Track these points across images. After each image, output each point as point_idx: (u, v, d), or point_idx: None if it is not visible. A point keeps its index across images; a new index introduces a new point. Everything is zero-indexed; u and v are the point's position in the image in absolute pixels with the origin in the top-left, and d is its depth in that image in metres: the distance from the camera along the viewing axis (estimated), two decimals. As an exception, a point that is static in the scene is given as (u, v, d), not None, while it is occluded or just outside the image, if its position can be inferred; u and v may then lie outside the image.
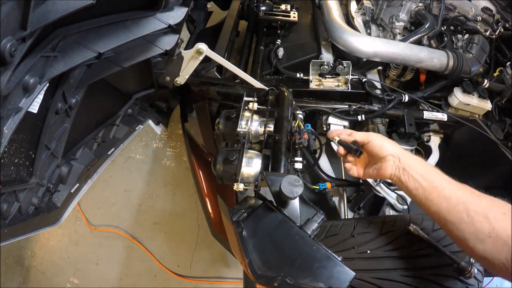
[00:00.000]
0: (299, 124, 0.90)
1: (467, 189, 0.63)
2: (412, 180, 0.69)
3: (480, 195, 0.62)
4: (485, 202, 0.60)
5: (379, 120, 1.21)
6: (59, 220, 1.08)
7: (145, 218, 2.08)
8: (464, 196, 0.62)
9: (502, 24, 1.30)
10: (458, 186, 0.64)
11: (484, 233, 0.57)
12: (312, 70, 1.16)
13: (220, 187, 1.13)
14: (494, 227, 0.56)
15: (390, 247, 0.86)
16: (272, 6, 1.47)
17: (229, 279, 1.89)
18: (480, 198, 0.61)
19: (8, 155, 0.70)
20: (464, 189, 0.63)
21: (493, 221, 0.57)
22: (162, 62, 1.12)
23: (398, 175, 0.71)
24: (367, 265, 0.87)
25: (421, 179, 0.67)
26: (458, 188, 0.63)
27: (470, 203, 0.60)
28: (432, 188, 0.65)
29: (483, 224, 0.57)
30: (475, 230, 0.58)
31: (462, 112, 1.20)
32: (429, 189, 0.66)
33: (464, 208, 0.60)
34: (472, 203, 0.60)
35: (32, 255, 2.05)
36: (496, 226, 0.56)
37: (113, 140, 1.27)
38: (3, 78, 0.53)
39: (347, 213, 1.28)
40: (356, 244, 0.89)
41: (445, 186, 0.64)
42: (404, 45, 1.12)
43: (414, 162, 0.70)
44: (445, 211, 0.63)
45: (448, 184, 0.64)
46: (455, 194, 0.62)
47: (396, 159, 0.72)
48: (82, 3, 0.58)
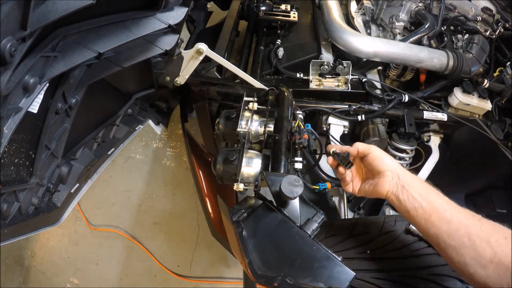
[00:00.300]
0: (299, 124, 0.90)
1: (468, 212, 0.61)
2: (411, 199, 0.65)
3: (481, 219, 0.59)
4: (487, 226, 0.58)
5: (379, 120, 1.21)
6: (59, 220, 1.08)
7: (145, 218, 2.08)
8: (465, 219, 0.59)
9: (502, 24, 1.30)
10: (459, 208, 0.62)
11: (486, 258, 0.55)
12: (312, 70, 1.16)
13: (220, 187, 1.13)
14: (496, 252, 0.54)
15: (390, 247, 0.87)
16: (272, 6, 1.47)
17: (229, 279, 1.89)
18: (481, 222, 0.58)
19: (8, 155, 0.70)
20: (465, 212, 0.61)
21: (495, 246, 0.55)
22: (162, 62, 1.12)
23: (396, 193, 0.68)
24: (367, 265, 0.87)
25: (421, 199, 0.64)
26: (459, 211, 0.61)
27: (472, 227, 0.58)
28: (433, 209, 0.62)
29: (485, 249, 0.55)
30: (476, 255, 0.56)
31: (462, 112, 1.20)
32: (430, 210, 0.62)
33: (466, 232, 0.58)
34: (474, 227, 0.58)
35: (32, 255, 2.05)
36: (498, 251, 0.54)
37: (113, 140, 1.27)
38: (3, 78, 0.53)
39: (347, 213, 1.28)
40: (356, 244, 0.89)
41: (446, 208, 0.61)
42: (404, 45, 1.12)
43: (413, 181, 0.67)
44: (446, 235, 0.60)
45: (449, 206, 0.62)
46: (456, 217, 0.60)
47: (395, 176, 0.69)
48: (82, 3, 0.58)
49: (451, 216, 0.60)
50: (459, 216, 0.60)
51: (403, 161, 1.19)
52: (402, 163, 1.19)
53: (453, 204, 0.62)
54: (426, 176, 1.21)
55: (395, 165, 0.71)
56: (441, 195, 0.65)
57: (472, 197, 1.25)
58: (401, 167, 0.71)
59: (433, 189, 0.66)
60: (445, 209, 0.61)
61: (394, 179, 0.69)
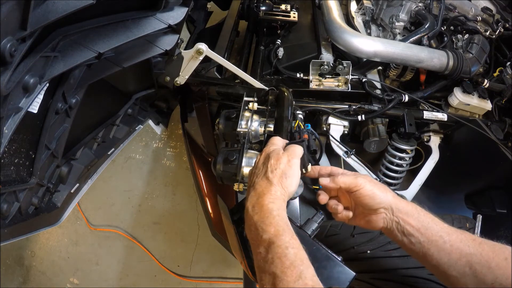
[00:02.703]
0: (299, 124, 0.90)
1: (468, 238, 0.59)
2: (407, 235, 0.63)
3: (481, 243, 0.58)
4: (487, 250, 0.57)
5: (379, 120, 1.21)
6: (59, 220, 1.08)
7: (145, 218, 2.08)
8: (466, 248, 0.58)
9: (502, 24, 1.30)
10: (459, 236, 0.59)
11: (487, 283, 0.55)
12: (312, 70, 1.16)
13: (220, 187, 1.12)
14: (497, 276, 0.54)
15: (390, 247, 0.87)
16: (272, 6, 1.47)
17: (229, 279, 1.90)
18: (482, 247, 0.57)
19: (8, 155, 0.70)
20: (466, 240, 0.59)
21: (496, 269, 0.55)
22: (162, 62, 1.12)
23: (391, 229, 0.65)
24: (367, 265, 0.88)
25: (418, 233, 0.61)
26: (459, 240, 0.59)
27: (472, 255, 0.57)
28: (431, 242, 0.60)
29: (486, 276, 0.55)
30: (478, 282, 0.56)
31: (462, 112, 1.20)
32: (427, 243, 0.60)
33: (466, 261, 0.57)
34: (475, 254, 0.57)
35: (32, 255, 2.05)
36: (499, 274, 0.54)
37: (113, 140, 1.27)
38: (3, 78, 0.53)
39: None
40: (356, 244, 0.90)
41: (446, 239, 0.59)
42: (404, 45, 1.12)
43: (409, 214, 0.63)
44: (446, 266, 0.59)
45: (448, 236, 0.59)
46: (456, 247, 0.58)
47: (389, 212, 0.65)
48: (82, 3, 0.58)
49: (451, 248, 0.58)
50: (460, 245, 0.58)
51: (403, 161, 1.19)
52: (402, 163, 1.19)
53: (453, 232, 0.60)
54: (426, 176, 1.21)
55: (388, 199, 0.65)
56: (439, 224, 0.62)
57: (472, 197, 1.25)
58: (394, 199, 0.65)
59: (431, 218, 0.63)
60: (444, 241, 0.59)
61: (388, 215, 0.65)
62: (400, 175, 1.22)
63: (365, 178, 0.67)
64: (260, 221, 0.57)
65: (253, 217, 0.58)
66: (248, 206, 0.61)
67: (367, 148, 1.18)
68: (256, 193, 0.62)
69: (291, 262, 0.51)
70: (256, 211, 0.58)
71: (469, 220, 1.06)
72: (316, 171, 0.75)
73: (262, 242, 0.55)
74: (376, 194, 0.65)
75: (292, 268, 0.50)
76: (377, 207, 0.65)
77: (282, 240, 0.53)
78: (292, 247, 0.53)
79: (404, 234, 0.63)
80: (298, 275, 0.49)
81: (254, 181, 0.65)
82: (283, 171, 0.63)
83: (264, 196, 0.60)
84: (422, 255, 0.62)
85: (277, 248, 0.52)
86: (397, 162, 1.19)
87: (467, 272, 0.56)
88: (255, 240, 0.57)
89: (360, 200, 0.67)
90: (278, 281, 0.50)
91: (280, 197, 0.60)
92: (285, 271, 0.50)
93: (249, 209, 0.60)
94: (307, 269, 0.51)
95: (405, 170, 1.23)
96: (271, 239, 0.54)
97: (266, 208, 0.58)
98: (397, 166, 1.20)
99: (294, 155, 0.66)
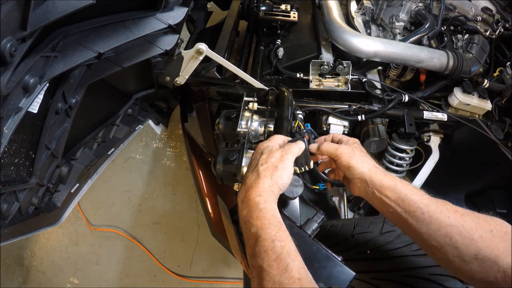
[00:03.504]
0: (299, 124, 0.90)
1: (449, 209, 0.58)
2: (384, 205, 0.63)
3: (464, 214, 0.57)
4: (470, 222, 0.56)
5: (379, 120, 1.21)
6: (59, 220, 1.08)
7: (145, 218, 2.08)
8: (446, 218, 0.56)
9: (502, 24, 1.30)
10: (438, 207, 0.58)
11: (470, 255, 0.54)
12: (312, 70, 1.16)
13: (220, 187, 1.13)
14: (480, 248, 0.53)
15: (390, 247, 0.87)
16: (272, 6, 1.47)
17: (229, 279, 1.89)
18: (463, 219, 0.56)
19: (8, 155, 0.70)
20: (446, 210, 0.58)
21: (479, 241, 0.53)
22: (162, 62, 1.12)
23: (369, 198, 0.66)
24: (367, 265, 0.88)
25: (394, 204, 0.61)
26: (439, 210, 0.57)
27: (452, 227, 0.55)
28: (409, 212, 0.59)
29: (469, 247, 0.54)
30: (459, 253, 0.55)
31: (462, 112, 1.20)
32: (405, 214, 0.60)
33: (446, 232, 0.56)
34: (455, 226, 0.55)
35: (32, 255, 2.05)
36: (482, 246, 0.53)
37: (113, 140, 1.27)
38: (3, 78, 0.53)
39: (347, 213, 1.28)
40: (356, 244, 0.90)
41: (424, 210, 0.58)
42: (404, 45, 1.12)
43: (385, 185, 0.63)
44: (425, 236, 0.58)
45: (426, 207, 0.58)
46: (436, 218, 0.57)
47: (363, 183, 0.65)
48: (82, 3, 0.58)
49: (429, 218, 0.57)
50: (439, 216, 0.57)
51: (403, 161, 1.19)
52: (402, 163, 1.19)
53: (432, 202, 0.59)
54: (426, 176, 1.21)
55: (363, 171, 0.65)
56: (418, 193, 0.61)
57: (472, 197, 1.25)
58: (370, 172, 0.65)
59: (409, 188, 0.62)
60: (422, 211, 0.58)
61: (362, 186, 0.66)
62: (400, 175, 1.22)
63: (346, 149, 0.68)
64: (248, 215, 0.57)
65: (242, 212, 0.59)
66: (238, 201, 0.62)
67: (367, 148, 1.18)
68: (245, 187, 0.62)
69: (277, 256, 0.51)
70: (245, 206, 0.59)
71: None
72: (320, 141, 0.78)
73: (250, 236, 0.55)
74: (352, 165, 0.66)
75: (278, 261, 0.50)
76: (352, 177, 0.67)
77: (268, 233, 0.53)
78: (278, 240, 0.53)
79: (382, 204, 0.63)
80: (284, 268, 0.50)
81: (244, 176, 0.66)
82: (273, 164, 0.63)
83: (252, 190, 0.60)
84: (401, 224, 0.62)
85: (264, 242, 0.53)
86: (397, 162, 1.19)
87: (447, 242, 0.56)
88: (245, 234, 0.58)
89: (339, 168, 0.70)
90: (264, 275, 0.50)
91: (268, 189, 0.60)
92: (271, 264, 0.50)
93: (239, 204, 0.61)
94: (294, 262, 0.51)
95: (405, 170, 1.23)
96: (257, 232, 0.54)
97: (253, 202, 0.58)
98: (397, 166, 1.20)
99: (289, 151, 0.66)
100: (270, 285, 0.49)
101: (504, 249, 0.52)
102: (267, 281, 0.49)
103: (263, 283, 0.50)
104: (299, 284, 0.49)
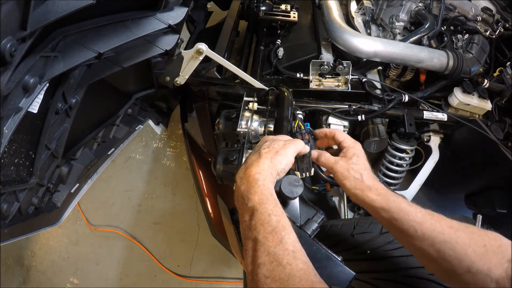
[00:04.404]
0: (299, 124, 0.90)
1: (443, 225, 0.58)
2: (378, 219, 0.65)
3: (458, 230, 0.57)
4: (464, 237, 0.56)
5: (379, 120, 1.21)
6: (59, 220, 1.08)
7: (145, 218, 2.08)
8: (439, 235, 0.57)
9: (502, 24, 1.30)
10: (432, 224, 0.58)
11: (463, 269, 0.54)
12: (312, 70, 1.16)
13: (220, 187, 1.13)
14: (473, 261, 0.54)
15: (390, 247, 0.87)
16: (272, 6, 1.47)
17: (229, 279, 1.89)
18: (458, 234, 0.56)
19: (8, 155, 0.70)
20: (440, 226, 0.58)
21: (472, 256, 0.54)
22: (162, 62, 1.12)
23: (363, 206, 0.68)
24: (367, 265, 0.88)
25: (387, 223, 0.63)
26: (432, 228, 0.58)
27: (446, 243, 0.56)
28: (402, 231, 0.60)
29: (462, 262, 0.54)
30: (452, 267, 0.55)
31: (462, 112, 1.20)
32: (399, 232, 0.61)
33: (439, 248, 0.56)
34: (449, 241, 0.56)
35: (32, 255, 2.05)
36: (476, 260, 0.53)
37: (113, 140, 1.27)
38: (3, 78, 0.53)
39: (347, 213, 1.28)
40: (356, 244, 0.90)
41: (417, 228, 0.58)
42: (404, 45, 1.12)
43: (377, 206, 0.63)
44: (419, 250, 0.59)
45: (420, 225, 0.59)
46: (429, 235, 0.57)
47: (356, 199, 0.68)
48: (82, 3, 0.58)
49: (423, 236, 0.58)
50: (432, 234, 0.57)
51: (403, 161, 1.19)
52: (402, 163, 1.19)
53: (426, 221, 0.59)
54: (426, 176, 1.21)
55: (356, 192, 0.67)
56: (413, 212, 0.60)
57: (472, 197, 1.25)
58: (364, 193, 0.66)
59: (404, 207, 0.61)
60: (415, 230, 0.58)
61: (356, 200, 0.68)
62: (400, 175, 1.22)
63: (341, 167, 0.70)
64: (246, 190, 0.59)
65: (240, 187, 0.60)
66: (236, 178, 0.63)
67: (367, 148, 1.18)
68: (245, 165, 0.64)
69: (273, 228, 0.52)
70: (244, 182, 0.60)
71: (469, 220, 1.06)
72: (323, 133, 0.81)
73: (246, 210, 0.57)
74: (345, 185, 0.69)
75: (273, 234, 0.52)
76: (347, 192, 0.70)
77: (265, 207, 0.55)
78: (274, 215, 0.54)
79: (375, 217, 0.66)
80: (279, 240, 0.51)
81: (246, 157, 0.68)
82: (275, 149, 0.65)
83: (252, 167, 0.61)
84: (396, 236, 0.64)
85: (260, 215, 0.54)
86: (397, 162, 1.19)
87: (441, 257, 0.56)
88: (241, 209, 0.59)
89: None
90: (259, 246, 0.51)
91: (267, 169, 0.62)
92: (266, 237, 0.52)
93: (237, 181, 0.62)
94: (289, 235, 0.52)
95: (405, 170, 1.23)
96: (254, 206, 0.56)
97: (252, 178, 0.59)
98: (397, 166, 1.20)
99: (293, 142, 0.68)
100: (264, 256, 0.50)
101: (497, 261, 0.53)
102: (262, 252, 0.50)
103: (257, 254, 0.51)
104: (293, 256, 0.50)
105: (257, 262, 0.50)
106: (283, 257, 0.49)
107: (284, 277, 0.47)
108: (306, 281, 0.48)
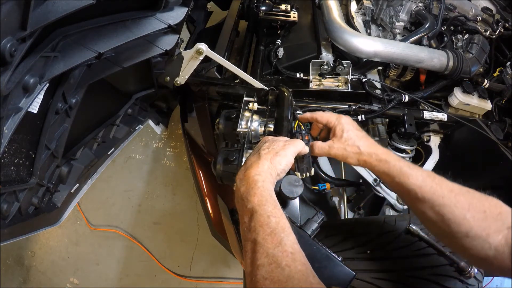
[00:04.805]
0: (299, 124, 0.90)
1: (444, 188, 0.59)
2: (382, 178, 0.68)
3: (458, 194, 0.58)
4: (463, 201, 0.57)
5: (379, 120, 1.21)
6: (59, 220, 1.08)
7: (145, 218, 2.08)
8: (439, 199, 0.58)
9: (502, 24, 1.30)
10: (433, 187, 0.60)
11: (461, 233, 0.55)
12: (312, 70, 1.16)
13: (220, 187, 1.12)
14: (472, 226, 0.54)
15: (390, 247, 0.87)
16: (272, 6, 1.47)
17: (229, 279, 1.89)
18: (457, 198, 0.58)
19: (8, 155, 0.70)
20: (441, 189, 0.59)
21: (471, 221, 0.55)
22: (162, 62, 1.12)
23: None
24: (367, 265, 0.87)
25: (390, 186, 0.66)
26: (433, 191, 0.59)
27: (445, 206, 0.57)
28: (403, 192, 0.63)
29: (460, 226, 0.55)
30: (451, 230, 0.57)
31: (462, 112, 1.20)
32: (401, 193, 0.64)
33: (438, 210, 0.58)
34: (448, 205, 0.57)
35: (32, 255, 2.05)
36: (474, 225, 0.54)
37: (113, 140, 1.27)
38: (3, 78, 0.53)
39: (347, 213, 1.28)
40: (356, 244, 0.89)
41: (417, 191, 0.61)
42: (404, 45, 1.12)
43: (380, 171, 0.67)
44: (420, 211, 0.61)
45: (420, 188, 0.61)
46: (429, 198, 0.59)
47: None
48: (82, 3, 0.58)
49: (423, 198, 0.60)
50: (432, 197, 0.59)
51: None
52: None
53: (427, 184, 0.61)
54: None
55: (360, 164, 0.70)
56: (414, 176, 0.62)
57: (472, 197, 1.25)
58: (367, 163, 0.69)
59: (405, 171, 0.63)
60: (416, 193, 0.61)
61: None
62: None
63: (338, 150, 0.71)
64: (245, 192, 0.59)
65: (240, 189, 0.61)
66: (236, 179, 0.64)
67: (367, 148, 1.18)
68: (245, 167, 0.64)
69: (272, 230, 0.52)
70: (243, 183, 0.61)
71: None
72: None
73: (246, 212, 0.57)
74: (348, 161, 0.71)
75: (272, 236, 0.52)
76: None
77: (265, 209, 0.55)
78: (274, 216, 0.55)
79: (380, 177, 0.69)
80: (278, 242, 0.51)
81: (246, 159, 0.69)
82: (275, 149, 0.66)
83: (251, 169, 0.62)
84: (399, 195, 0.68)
85: (259, 217, 0.54)
86: (397, 162, 1.19)
87: (440, 219, 0.58)
88: (241, 210, 0.59)
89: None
90: (258, 247, 0.51)
91: (267, 170, 0.62)
92: (266, 238, 0.52)
93: (237, 182, 0.63)
94: (288, 237, 0.53)
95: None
96: (254, 208, 0.56)
97: (252, 179, 0.60)
98: (397, 166, 1.19)
99: (292, 142, 0.69)
100: (263, 257, 0.50)
101: (497, 228, 0.54)
102: (261, 253, 0.51)
103: (256, 256, 0.51)
104: (292, 257, 0.50)
105: (256, 264, 0.50)
106: (282, 259, 0.49)
107: (282, 279, 0.48)
108: (304, 283, 0.48)
